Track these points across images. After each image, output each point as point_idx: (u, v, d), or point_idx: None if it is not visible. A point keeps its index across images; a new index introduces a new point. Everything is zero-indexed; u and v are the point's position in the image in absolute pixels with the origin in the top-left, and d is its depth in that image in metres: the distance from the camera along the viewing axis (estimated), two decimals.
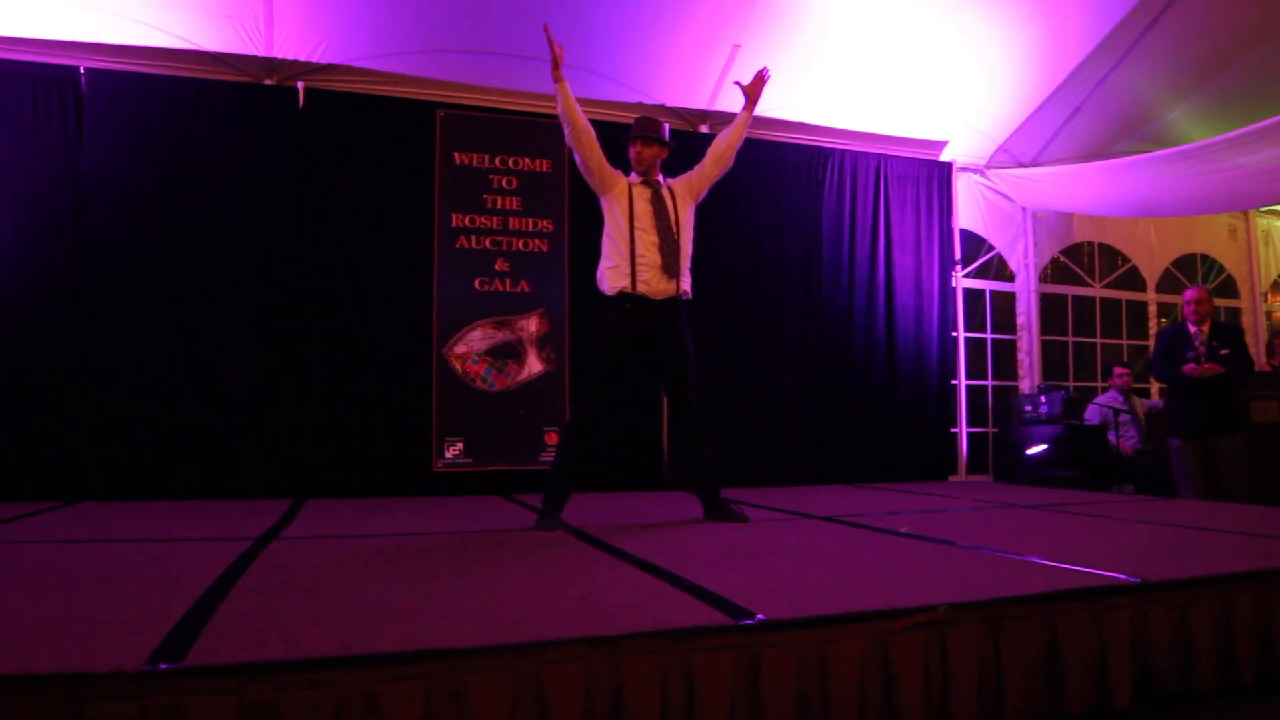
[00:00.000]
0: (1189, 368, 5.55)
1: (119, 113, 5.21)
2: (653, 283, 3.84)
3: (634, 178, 4.01)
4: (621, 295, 3.84)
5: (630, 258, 3.83)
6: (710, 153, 4.14)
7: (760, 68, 4.21)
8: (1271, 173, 5.79)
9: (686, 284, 3.98)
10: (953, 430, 7.12)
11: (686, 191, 4.06)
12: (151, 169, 5.25)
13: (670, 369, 3.95)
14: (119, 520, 4.07)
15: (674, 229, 3.91)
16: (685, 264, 3.97)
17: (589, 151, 3.85)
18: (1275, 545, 3.11)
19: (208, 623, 1.93)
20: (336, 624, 1.95)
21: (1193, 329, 5.68)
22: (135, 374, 5.13)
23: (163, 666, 1.60)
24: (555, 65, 3.77)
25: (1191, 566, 2.61)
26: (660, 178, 4.05)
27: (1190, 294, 5.76)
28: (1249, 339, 8.48)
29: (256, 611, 2.08)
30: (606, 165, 3.92)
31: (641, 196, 3.91)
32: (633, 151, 4.00)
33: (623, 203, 3.89)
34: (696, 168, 4.13)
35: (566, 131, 3.85)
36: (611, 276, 3.88)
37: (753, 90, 4.18)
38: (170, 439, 5.14)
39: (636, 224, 3.85)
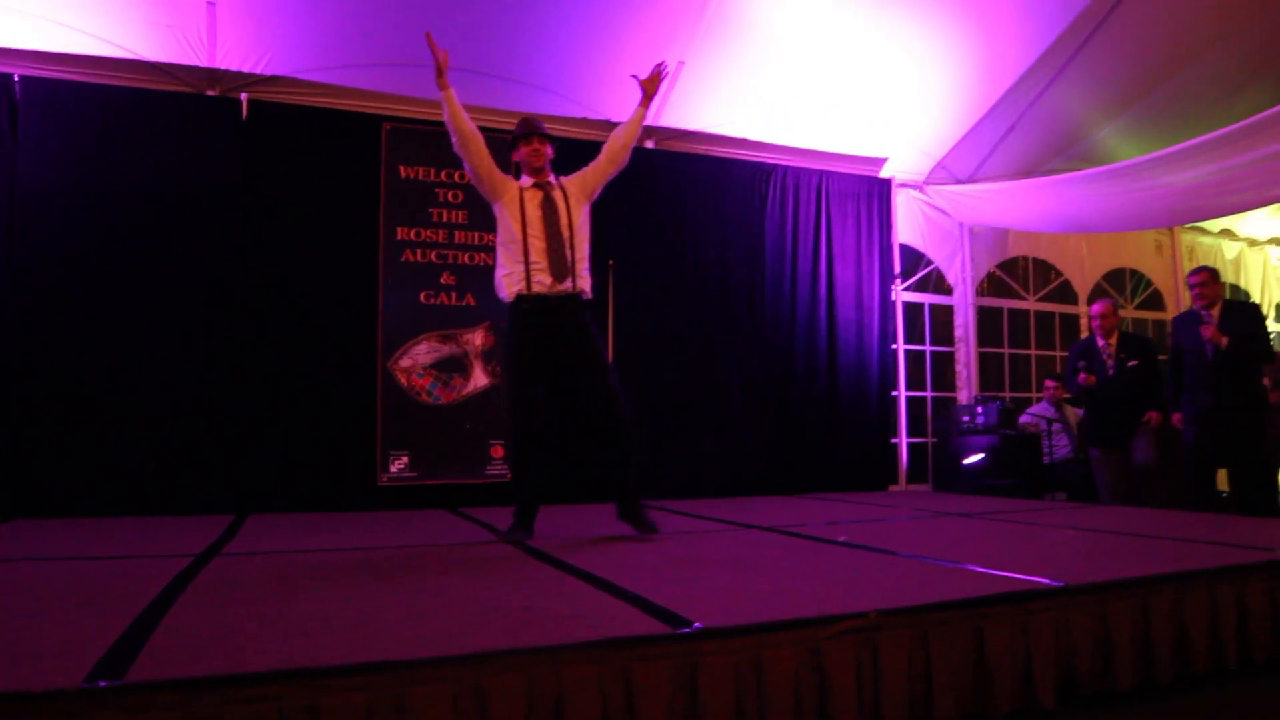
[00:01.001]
0: (1080, 378, 5.80)
1: (56, 121, 5.12)
2: (545, 285, 3.78)
3: (525, 180, 3.93)
4: (518, 298, 3.79)
5: (525, 263, 3.78)
6: (605, 150, 4.07)
7: (659, 62, 4.14)
8: (1194, 191, 6.03)
9: (585, 284, 3.91)
10: (893, 440, 7.28)
11: (580, 190, 3.99)
12: (90, 178, 5.16)
13: (580, 360, 3.84)
14: (54, 538, 3.98)
15: (564, 231, 3.84)
16: (581, 265, 3.90)
17: (479, 159, 3.82)
18: (1189, 549, 3.26)
19: (148, 640, 1.92)
20: (279, 638, 1.96)
21: (1100, 342, 5.91)
22: (71, 388, 5.02)
23: (103, 684, 1.60)
24: (439, 73, 3.74)
25: (1111, 570, 2.73)
26: (552, 177, 3.97)
27: (1095, 308, 5.99)
28: None
29: (198, 627, 2.08)
30: (497, 171, 3.89)
31: (532, 200, 3.85)
32: (527, 150, 3.91)
33: (514, 209, 3.82)
34: (591, 165, 4.06)
35: (454, 140, 3.81)
36: (507, 283, 3.84)
37: (650, 85, 4.08)
38: (108, 454, 5.04)
39: (529, 230, 3.79)
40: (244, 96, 5.50)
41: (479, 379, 5.83)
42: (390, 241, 5.71)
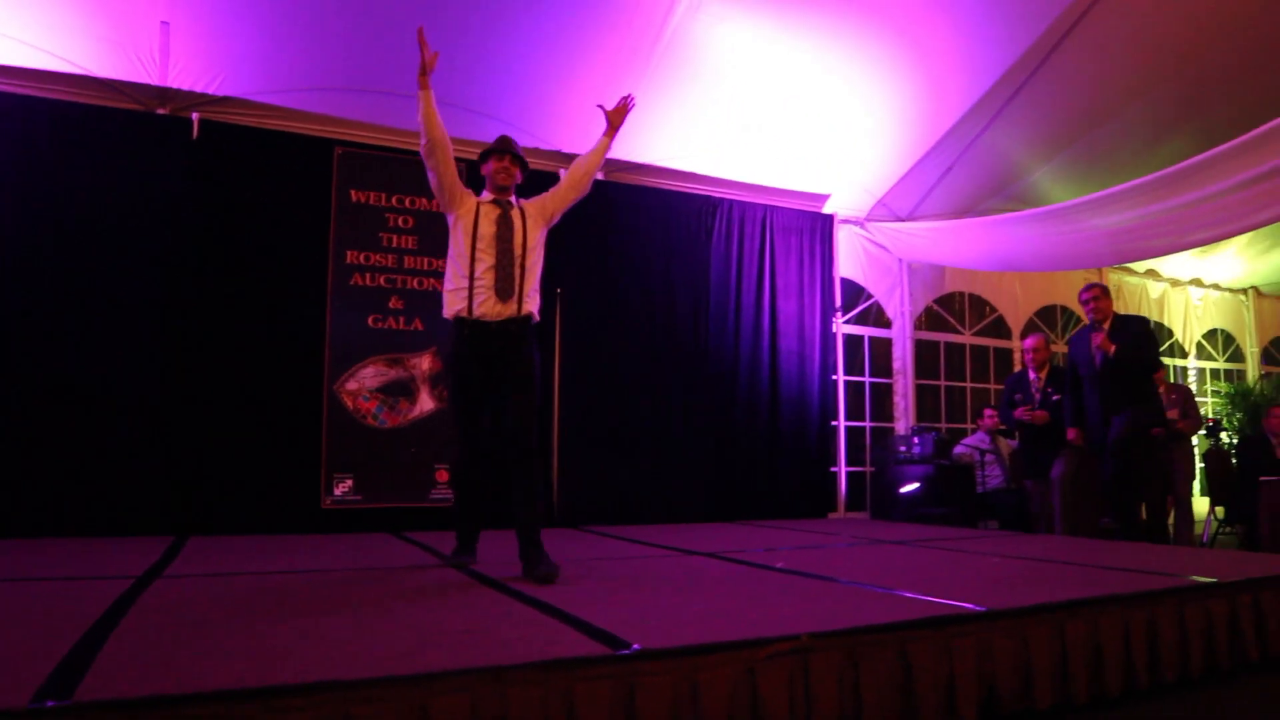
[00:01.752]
0: (1018, 412, 6.02)
1: (1, 134, 5.06)
2: (488, 305, 3.65)
3: (485, 196, 3.84)
4: (458, 321, 3.68)
5: (469, 280, 3.66)
6: (567, 177, 4.00)
7: (626, 94, 4.11)
8: (1120, 234, 6.31)
9: (532, 306, 3.78)
10: (833, 469, 7.44)
11: (539, 213, 3.90)
12: (35, 193, 5.09)
13: (506, 382, 3.69)
14: None
15: (515, 251, 3.73)
16: (530, 286, 3.78)
17: (444, 166, 3.73)
18: (1104, 575, 3.43)
19: (93, 661, 1.94)
20: (224, 659, 1.99)
21: (1032, 375, 6.15)
22: (5, 406, 4.93)
23: (50, 704, 1.62)
24: (423, 71, 3.64)
25: (1031, 595, 2.87)
26: (513, 198, 3.89)
27: (1028, 342, 6.24)
28: None
29: (142, 648, 2.09)
30: (460, 182, 3.81)
31: (488, 217, 3.74)
32: (497, 166, 3.82)
33: (468, 222, 3.72)
34: (551, 190, 4.00)
35: (423, 142, 3.70)
36: (450, 300, 3.73)
37: (615, 116, 4.05)
38: (44, 473, 4.94)
39: (478, 245, 3.68)
40: (195, 116, 5.49)
41: (425, 403, 5.85)
42: (339, 265, 5.73)
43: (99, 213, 5.22)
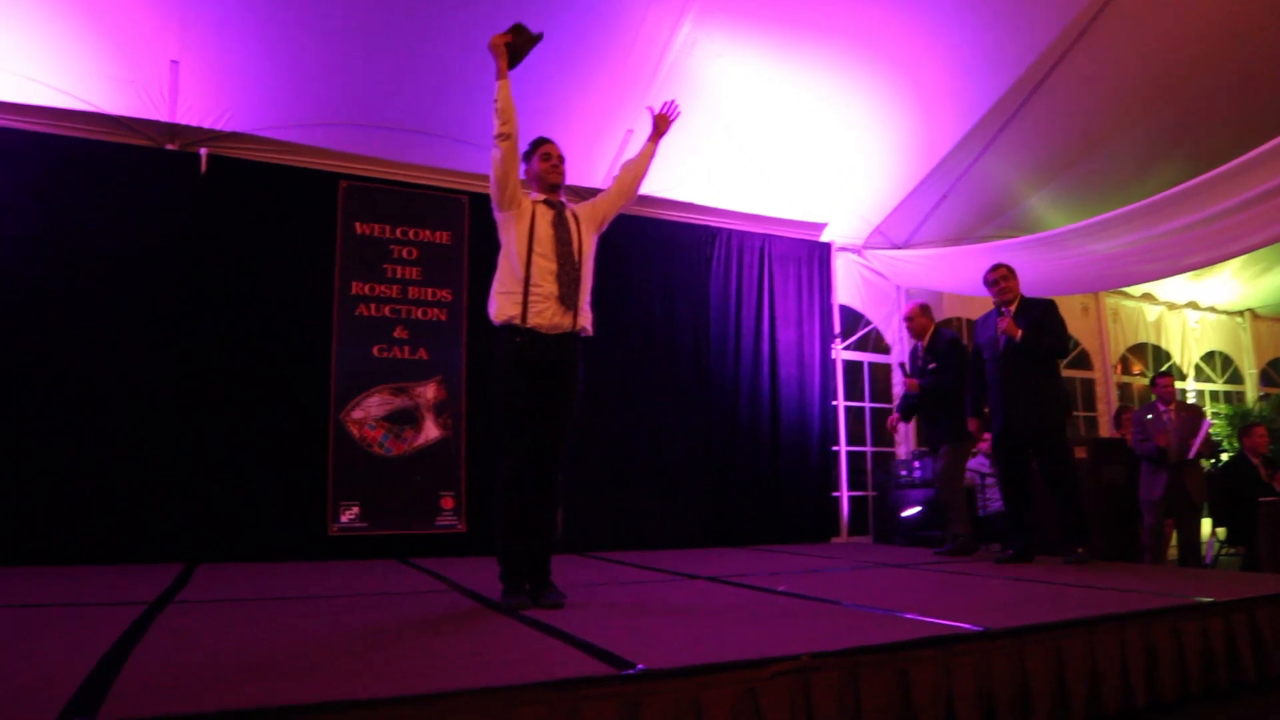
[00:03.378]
0: (896, 379, 6.00)
1: (12, 170, 5.15)
2: (546, 315, 3.43)
3: (536, 196, 3.61)
4: (509, 328, 3.43)
5: (525, 285, 3.42)
6: (616, 183, 3.83)
7: (670, 100, 3.97)
8: (1117, 258, 6.38)
9: (586, 320, 3.57)
10: (835, 494, 7.48)
11: (590, 218, 3.70)
12: (45, 229, 5.19)
13: (546, 409, 3.47)
14: (1, 586, 3.96)
15: (576, 257, 3.51)
16: (585, 297, 3.58)
17: (511, 158, 3.49)
18: (1101, 595, 3.47)
19: (115, 681, 1.99)
20: (238, 680, 2.04)
21: (916, 344, 6.16)
22: (18, 435, 5.00)
23: None
24: (502, 66, 3.51)
25: (1029, 615, 2.91)
26: (563, 198, 3.68)
27: (903, 311, 6.24)
28: (1100, 407, 9.21)
29: (160, 670, 2.15)
30: (520, 179, 3.57)
31: (544, 218, 3.51)
32: (545, 165, 3.61)
33: (524, 223, 3.48)
34: (600, 195, 3.83)
35: (498, 126, 3.46)
36: (502, 303, 3.46)
37: (662, 122, 3.92)
38: (54, 502, 5.00)
39: (536, 248, 3.44)
40: (203, 151, 5.61)
41: (430, 431, 5.91)
42: (345, 296, 5.81)
43: (110, 245, 5.31)
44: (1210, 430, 6.69)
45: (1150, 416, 6.71)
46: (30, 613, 3.21)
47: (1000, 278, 5.35)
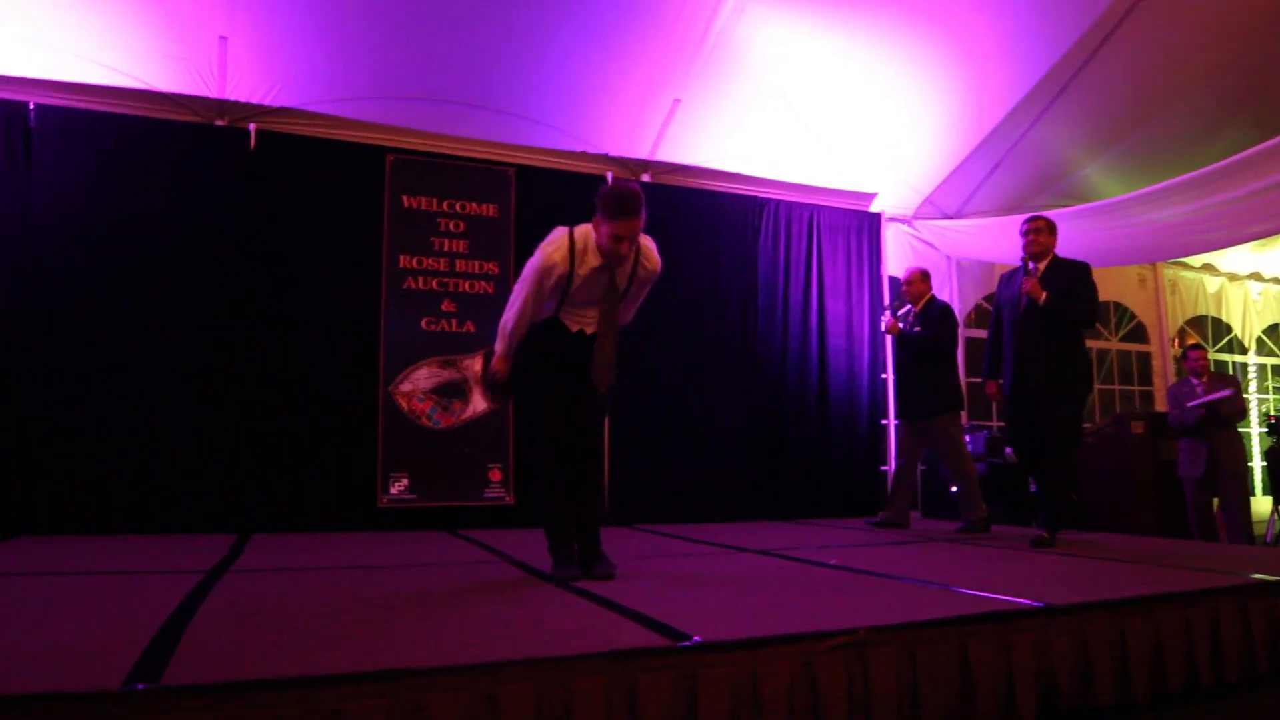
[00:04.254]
0: (886, 318, 6.04)
1: (69, 148, 5.24)
2: (578, 324, 3.49)
3: (589, 259, 3.34)
4: (541, 324, 3.50)
5: (559, 305, 3.46)
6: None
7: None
8: (1174, 228, 6.21)
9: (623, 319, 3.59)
10: (883, 468, 7.39)
11: (638, 290, 3.58)
12: (100, 205, 5.27)
13: (585, 382, 3.43)
14: (62, 555, 4.06)
15: (616, 302, 3.44)
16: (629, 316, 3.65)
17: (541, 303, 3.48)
18: (1165, 573, 3.39)
19: (176, 647, 2.03)
20: (297, 647, 2.07)
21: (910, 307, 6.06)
22: (76, 409, 5.10)
23: (140, 687, 1.70)
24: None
25: (1090, 592, 2.85)
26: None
27: (904, 275, 6.17)
28: (1157, 381, 9.00)
29: (220, 636, 2.18)
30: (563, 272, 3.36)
31: (593, 280, 3.38)
32: (612, 245, 3.25)
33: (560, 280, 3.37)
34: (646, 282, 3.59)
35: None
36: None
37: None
38: (112, 473, 5.11)
39: (574, 283, 3.37)
40: (252, 127, 5.64)
41: (478, 404, 5.94)
42: (393, 269, 5.84)
43: (163, 221, 5.37)
44: (1226, 396, 6.48)
45: (1184, 390, 6.58)
46: (94, 579, 3.29)
47: (1034, 229, 4.86)
